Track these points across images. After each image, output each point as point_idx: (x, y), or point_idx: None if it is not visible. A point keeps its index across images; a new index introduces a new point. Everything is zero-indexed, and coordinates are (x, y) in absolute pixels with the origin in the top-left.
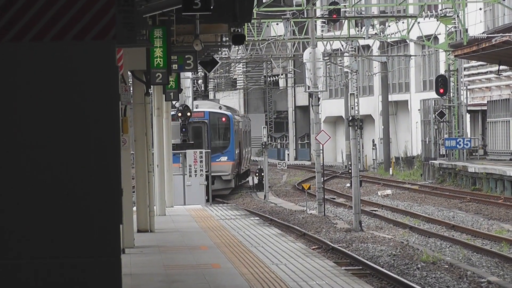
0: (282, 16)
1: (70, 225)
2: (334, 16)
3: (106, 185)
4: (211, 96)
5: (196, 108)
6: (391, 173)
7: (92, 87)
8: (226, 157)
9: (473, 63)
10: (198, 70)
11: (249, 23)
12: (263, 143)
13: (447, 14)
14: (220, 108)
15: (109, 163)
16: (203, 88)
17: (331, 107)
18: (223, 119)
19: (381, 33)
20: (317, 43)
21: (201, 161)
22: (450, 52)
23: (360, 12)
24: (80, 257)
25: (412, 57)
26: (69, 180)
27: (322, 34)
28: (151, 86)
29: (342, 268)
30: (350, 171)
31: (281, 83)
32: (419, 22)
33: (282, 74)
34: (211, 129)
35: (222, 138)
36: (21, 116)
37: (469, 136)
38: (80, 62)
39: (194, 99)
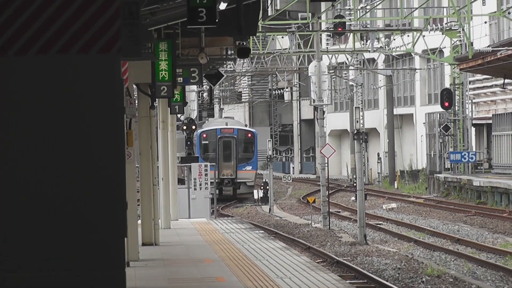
0: (287, 29)
1: (75, 238)
2: (339, 29)
3: (111, 198)
4: (216, 109)
5: (226, 125)
6: (396, 186)
7: (97, 100)
8: (250, 167)
9: (478, 76)
10: (203, 83)
11: (254, 36)
12: (268, 156)
13: (452, 28)
14: (246, 126)
15: (114, 176)
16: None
17: (336, 120)
18: (249, 135)
19: (386, 46)
20: (322, 56)
21: (206, 175)
22: (455, 65)
23: (365, 26)
24: (84, 269)
25: (417, 70)
26: (74, 193)
27: (327, 48)
28: (156, 99)
29: (347, 281)
30: (355, 184)
31: (286, 96)
32: (424, 36)
33: (287, 87)
34: (239, 143)
35: (248, 151)
36: (27, 129)
37: (474, 149)
38: (85, 76)
39: (200, 113)
